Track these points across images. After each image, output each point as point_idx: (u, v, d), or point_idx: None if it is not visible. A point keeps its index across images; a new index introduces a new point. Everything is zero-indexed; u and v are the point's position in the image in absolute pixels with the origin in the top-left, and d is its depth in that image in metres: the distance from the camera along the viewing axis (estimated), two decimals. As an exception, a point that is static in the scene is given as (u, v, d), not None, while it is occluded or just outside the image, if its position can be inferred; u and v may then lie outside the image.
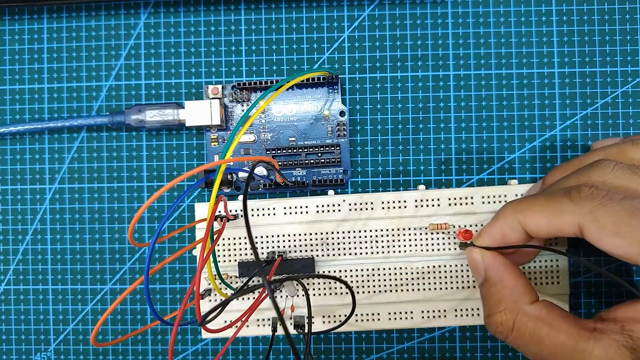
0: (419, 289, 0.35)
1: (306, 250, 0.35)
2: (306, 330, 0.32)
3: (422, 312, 0.35)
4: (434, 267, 0.35)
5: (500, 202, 0.35)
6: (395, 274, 0.35)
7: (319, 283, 0.36)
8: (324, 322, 0.36)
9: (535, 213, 0.29)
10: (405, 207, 0.35)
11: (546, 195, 0.29)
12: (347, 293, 0.35)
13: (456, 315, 0.35)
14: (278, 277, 0.35)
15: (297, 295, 0.35)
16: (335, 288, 0.36)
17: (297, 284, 0.35)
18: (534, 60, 0.38)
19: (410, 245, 0.35)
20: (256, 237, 0.35)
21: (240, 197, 0.37)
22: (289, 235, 0.35)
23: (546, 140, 0.38)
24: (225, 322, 0.35)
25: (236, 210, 0.35)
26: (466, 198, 0.35)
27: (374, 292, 0.35)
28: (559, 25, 0.38)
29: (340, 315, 0.36)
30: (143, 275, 0.23)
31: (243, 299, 0.35)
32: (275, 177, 0.36)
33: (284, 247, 0.35)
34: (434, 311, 0.35)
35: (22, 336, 0.39)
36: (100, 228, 0.39)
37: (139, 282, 0.25)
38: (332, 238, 0.35)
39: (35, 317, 0.39)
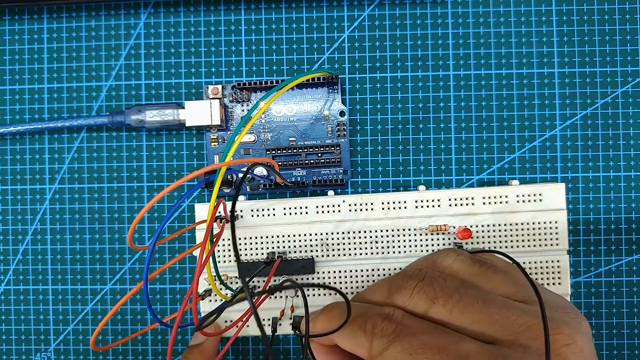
0: (418, 290, 0.35)
1: (306, 251, 0.35)
2: (304, 333, 0.32)
3: (422, 312, 0.35)
4: (433, 267, 0.35)
5: (500, 202, 0.35)
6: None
7: (318, 283, 0.36)
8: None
9: (342, 338, 0.28)
10: (405, 207, 0.35)
11: (353, 322, 0.28)
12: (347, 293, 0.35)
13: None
14: (277, 278, 0.35)
15: (297, 296, 0.35)
16: (335, 288, 0.36)
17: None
18: (534, 60, 0.38)
19: (410, 246, 0.35)
20: (256, 238, 0.35)
21: (241, 198, 0.37)
22: (288, 235, 0.35)
23: (546, 140, 0.38)
24: (226, 322, 0.35)
25: (236, 211, 0.35)
26: (466, 199, 0.35)
27: (374, 292, 0.35)
28: (559, 25, 0.37)
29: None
30: (142, 281, 0.23)
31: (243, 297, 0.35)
32: (275, 177, 0.36)
33: (284, 247, 0.35)
34: (433, 311, 0.35)
35: (22, 336, 0.39)
36: (100, 228, 0.39)
37: (138, 287, 0.25)
38: (332, 238, 0.35)
39: (35, 317, 0.39)
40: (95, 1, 0.37)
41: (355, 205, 0.35)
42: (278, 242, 0.35)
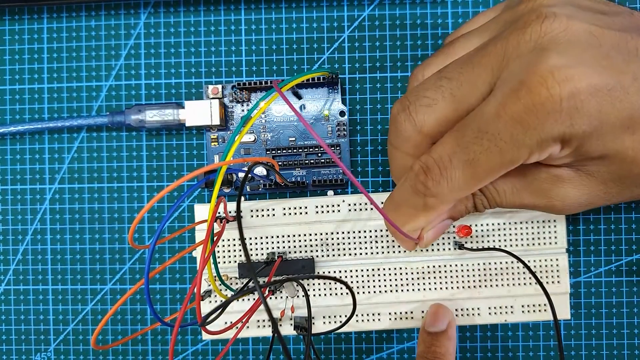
0: (419, 289, 0.35)
1: (306, 251, 0.35)
2: (307, 332, 0.32)
3: (423, 312, 0.35)
4: (434, 267, 0.35)
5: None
6: (396, 274, 0.35)
7: (319, 284, 0.36)
8: (324, 322, 0.36)
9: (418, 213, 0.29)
10: (405, 207, 0.35)
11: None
12: (347, 293, 0.35)
13: (456, 315, 0.35)
14: (278, 277, 0.35)
15: (297, 296, 0.35)
16: (336, 288, 0.36)
17: (297, 285, 0.35)
18: (534, 60, 0.38)
19: (410, 246, 0.35)
20: (256, 238, 0.35)
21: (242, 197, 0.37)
22: (289, 235, 0.35)
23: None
24: (226, 323, 0.35)
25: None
26: (466, 198, 0.35)
27: (374, 292, 0.35)
28: (559, 25, 0.37)
29: (340, 316, 0.36)
30: (143, 279, 0.23)
31: (243, 300, 0.35)
32: (275, 177, 0.36)
33: (284, 247, 0.35)
34: (434, 311, 0.35)
35: (22, 336, 0.39)
36: (100, 228, 0.39)
37: (139, 285, 0.25)
38: (332, 238, 0.35)
39: (35, 317, 0.39)
40: (95, 1, 0.37)
41: (355, 205, 0.35)
42: (278, 242, 0.35)
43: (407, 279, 0.35)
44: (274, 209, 0.35)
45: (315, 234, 0.35)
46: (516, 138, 0.24)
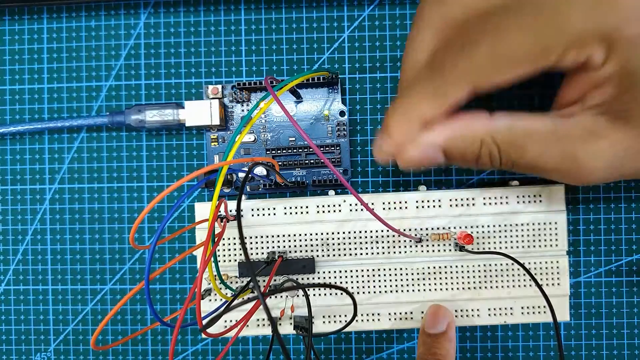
0: (419, 290, 0.35)
1: (306, 251, 0.35)
2: (307, 333, 0.32)
3: (423, 312, 0.35)
4: (434, 268, 0.35)
5: (501, 203, 0.35)
6: (396, 274, 0.35)
7: (319, 283, 0.36)
8: (324, 322, 0.36)
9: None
10: (406, 207, 0.35)
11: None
12: (347, 293, 0.35)
13: (456, 316, 0.35)
14: (278, 276, 0.35)
15: (297, 296, 0.35)
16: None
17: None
18: (534, 60, 0.37)
19: (411, 246, 0.35)
20: (256, 237, 0.35)
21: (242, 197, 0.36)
22: (289, 235, 0.35)
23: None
24: (225, 321, 0.35)
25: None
26: (467, 199, 0.35)
27: (375, 292, 0.35)
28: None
29: (340, 316, 0.36)
30: (143, 280, 0.23)
31: (243, 299, 0.35)
32: (275, 177, 0.36)
33: (284, 247, 0.35)
34: (434, 311, 0.35)
35: (22, 336, 0.39)
36: (100, 228, 0.39)
37: (139, 287, 0.25)
38: (333, 238, 0.35)
39: (35, 317, 0.39)
40: (95, 1, 0.37)
41: (356, 205, 0.35)
42: (278, 241, 0.35)
43: (407, 280, 0.35)
44: (274, 209, 0.35)
45: (316, 234, 0.35)
46: (555, 22, 0.24)
